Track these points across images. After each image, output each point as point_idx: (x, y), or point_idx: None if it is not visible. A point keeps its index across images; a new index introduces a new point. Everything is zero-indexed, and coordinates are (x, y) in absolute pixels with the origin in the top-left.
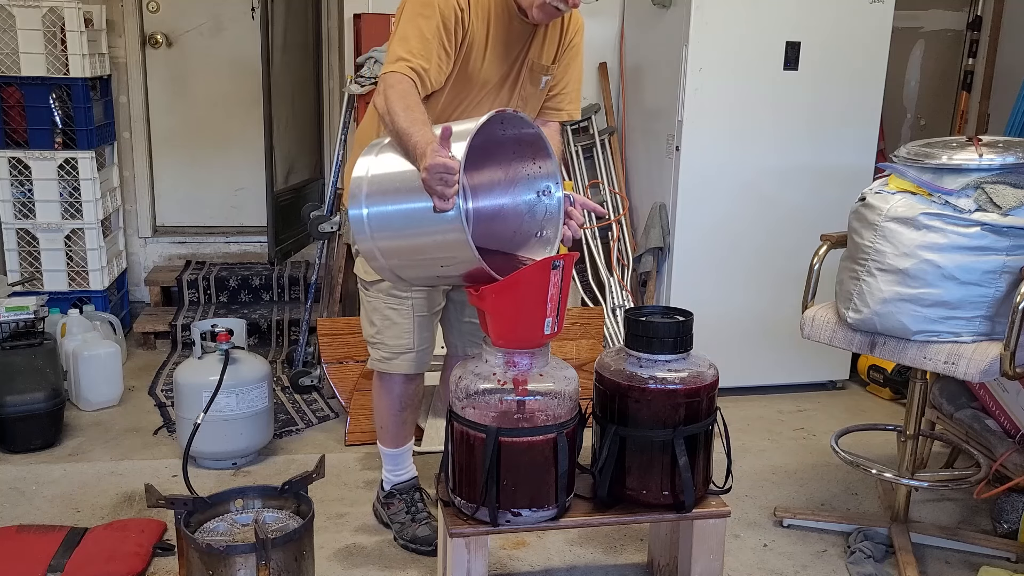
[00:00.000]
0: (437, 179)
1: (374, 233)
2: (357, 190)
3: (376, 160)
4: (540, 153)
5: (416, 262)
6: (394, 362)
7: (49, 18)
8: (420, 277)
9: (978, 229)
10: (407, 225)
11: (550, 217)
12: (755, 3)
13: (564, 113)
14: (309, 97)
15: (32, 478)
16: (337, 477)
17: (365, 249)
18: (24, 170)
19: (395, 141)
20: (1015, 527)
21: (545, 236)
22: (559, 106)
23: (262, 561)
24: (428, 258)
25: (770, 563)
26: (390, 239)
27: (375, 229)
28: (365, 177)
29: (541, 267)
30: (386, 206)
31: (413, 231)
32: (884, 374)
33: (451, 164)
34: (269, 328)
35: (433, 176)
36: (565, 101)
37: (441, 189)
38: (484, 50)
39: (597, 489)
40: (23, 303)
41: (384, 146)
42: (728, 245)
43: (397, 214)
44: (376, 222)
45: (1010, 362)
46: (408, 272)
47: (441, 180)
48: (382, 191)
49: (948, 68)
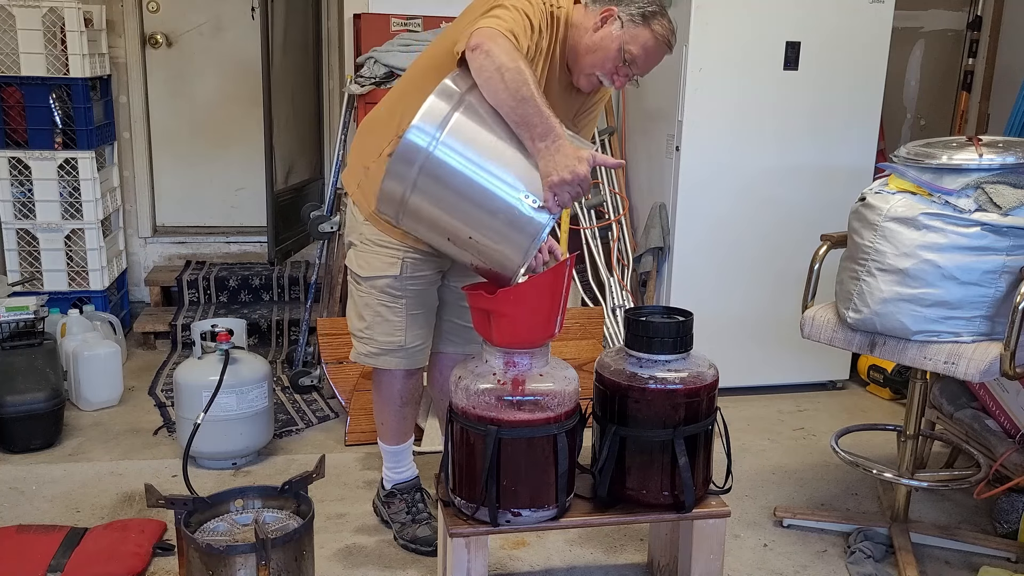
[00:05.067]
0: (576, 189)
1: (422, 173)
2: (433, 118)
3: (475, 105)
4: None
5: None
6: (382, 358)
7: (49, 18)
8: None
9: (978, 229)
10: (473, 188)
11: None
12: (755, 3)
13: None
14: (309, 97)
15: (32, 478)
16: (337, 477)
17: (392, 185)
18: (24, 170)
19: (513, 104)
20: (1015, 527)
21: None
22: None
23: (262, 561)
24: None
25: (770, 563)
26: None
27: (428, 171)
28: (450, 113)
29: (558, 270)
30: (463, 155)
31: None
32: (884, 374)
33: (589, 184)
34: (269, 328)
35: (575, 184)
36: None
37: (567, 199)
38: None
39: (597, 489)
40: (23, 303)
41: (481, 100)
42: (728, 245)
43: (471, 176)
44: (436, 166)
45: (1010, 362)
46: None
47: (577, 193)
48: (469, 140)
49: (948, 68)
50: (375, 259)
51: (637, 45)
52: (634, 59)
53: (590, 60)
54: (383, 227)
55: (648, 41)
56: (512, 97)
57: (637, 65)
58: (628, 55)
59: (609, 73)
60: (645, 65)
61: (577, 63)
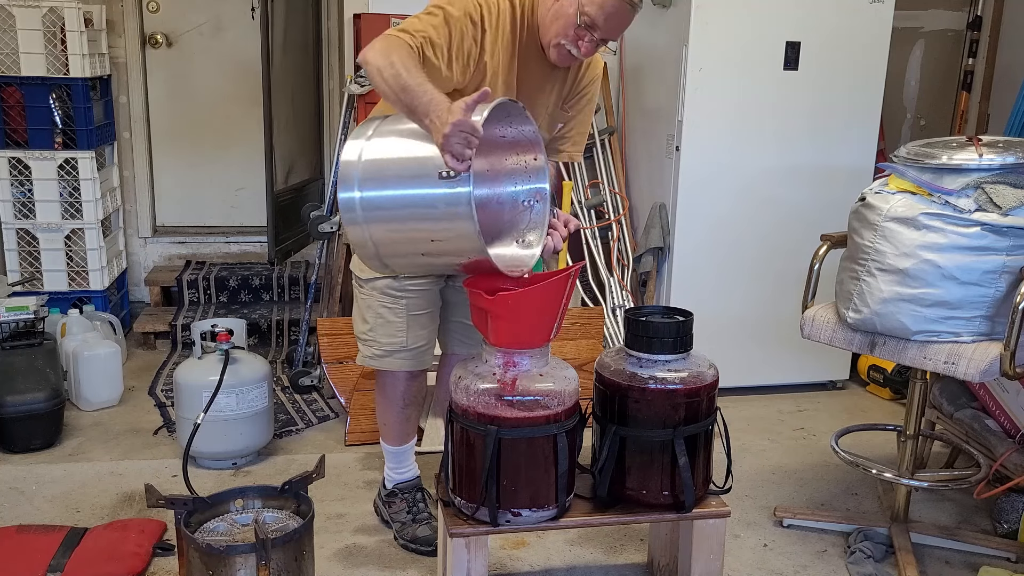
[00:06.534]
0: (461, 138)
1: (367, 215)
2: (348, 174)
3: (369, 143)
4: (533, 150)
5: (408, 247)
6: (386, 360)
7: (49, 18)
8: (410, 264)
9: (978, 229)
10: (406, 204)
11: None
12: (755, 3)
13: (564, 154)
14: (309, 97)
15: (32, 478)
16: (337, 477)
17: (355, 235)
18: (24, 170)
19: (397, 98)
20: (1015, 527)
21: (529, 241)
22: (560, 147)
23: (262, 561)
24: (422, 238)
25: (770, 563)
26: (385, 222)
27: (368, 211)
28: (358, 161)
29: (564, 278)
30: (383, 189)
31: (412, 211)
32: (884, 374)
33: (477, 126)
34: (269, 328)
35: (456, 133)
36: (568, 143)
37: (460, 149)
38: (503, 84)
39: (597, 489)
40: (23, 303)
41: (378, 128)
42: (728, 245)
43: (395, 195)
44: (370, 205)
45: (1010, 362)
46: (397, 260)
47: (464, 140)
48: (379, 173)
49: (948, 68)
50: None
51: (594, 6)
52: (593, 21)
53: (553, 30)
54: None
55: (605, 1)
56: (394, 91)
57: (599, 28)
58: (586, 18)
59: (573, 40)
60: (608, 27)
61: (543, 36)
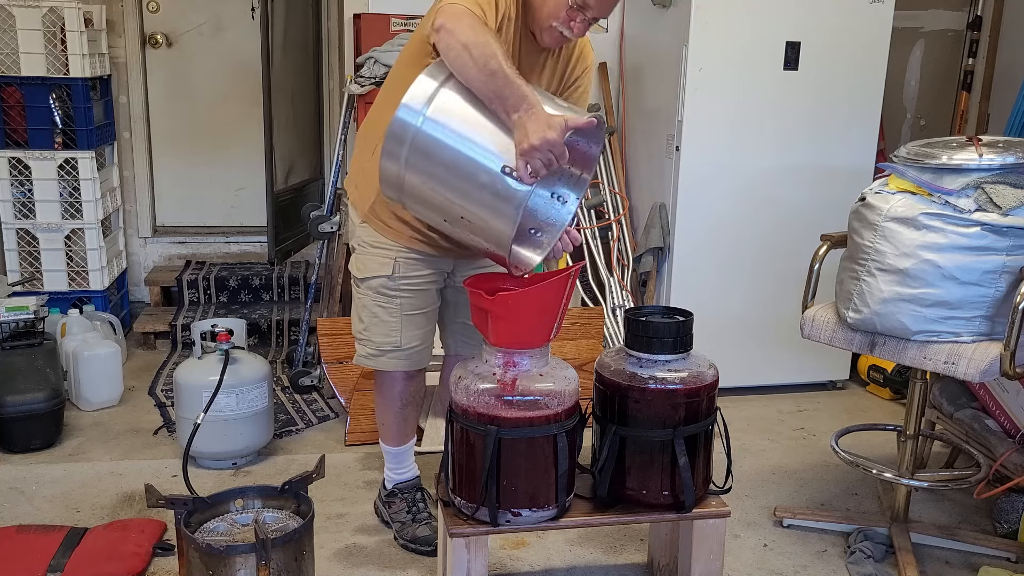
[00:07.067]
0: (546, 157)
1: (412, 156)
2: (420, 97)
3: (457, 86)
4: (587, 166)
5: (434, 207)
6: (380, 359)
7: (49, 18)
8: (424, 217)
9: (978, 229)
10: (457, 170)
11: (550, 223)
12: (755, 3)
13: None
14: (309, 97)
15: (32, 478)
16: (337, 477)
17: (389, 169)
18: (24, 170)
19: (482, 80)
20: (1015, 527)
21: (538, 239)
22: None
23: (262, 561)
24: (454, 210)
25: (770, 563)
26: (426, 174)
27: (416, 152)
28: (436, 90)
29: (564, 278)
30: (446, 134)
31: (459, 183)
32: (884, 374)
33: (566, 154)
34: (269, 328)
35: (544, 151)
36: None
37: (540, 166)
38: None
39: (597, 489)
40: (23, 303)
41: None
42: (728, 245)
43: (452, 153)
44: (422, 146)
45: (1010, 362)
46: (416, 207)
47: (548, 160)
48: (450, 116)
49: (948, 68)
50: (369, 260)
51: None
52: (584, 1)
53: (545, 12)
54: (378, 228)
55: None
56: (481, 72)
57: (591, 7)
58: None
59: (565, 21)
60: (600, 5)
61: (535, 20)
